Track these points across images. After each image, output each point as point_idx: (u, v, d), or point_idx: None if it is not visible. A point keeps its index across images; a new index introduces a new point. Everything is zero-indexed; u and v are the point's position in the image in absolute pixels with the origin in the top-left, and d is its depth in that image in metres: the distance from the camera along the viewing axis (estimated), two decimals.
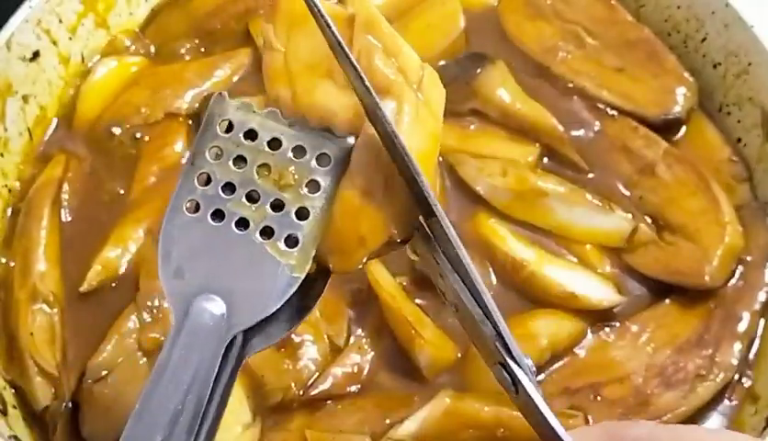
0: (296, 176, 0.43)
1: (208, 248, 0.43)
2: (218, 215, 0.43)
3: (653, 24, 0.78)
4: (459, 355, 0.63)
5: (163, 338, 0.62)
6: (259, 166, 0.44)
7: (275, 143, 0.44)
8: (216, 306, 0.42)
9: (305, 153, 0.44)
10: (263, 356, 0.62)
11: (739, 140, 0.73)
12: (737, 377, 0.64)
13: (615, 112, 0.73)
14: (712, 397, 0.63)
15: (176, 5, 0.82)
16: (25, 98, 0.74)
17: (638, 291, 0.67)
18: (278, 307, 0.42)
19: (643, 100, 0.73)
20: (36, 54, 0.74)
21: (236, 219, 0.43)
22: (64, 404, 0.61)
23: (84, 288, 0.66)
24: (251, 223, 0.43)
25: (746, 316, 0.65)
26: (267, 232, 0.43)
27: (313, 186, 0.43)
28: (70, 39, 0.77)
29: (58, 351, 0.64)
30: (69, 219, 0.71)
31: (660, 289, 0.67)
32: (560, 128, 0.71)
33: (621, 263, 0.68)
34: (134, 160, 0.73)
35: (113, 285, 0.67)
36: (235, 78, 0.77)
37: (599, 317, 0.65)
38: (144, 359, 0.62)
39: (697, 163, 0.70)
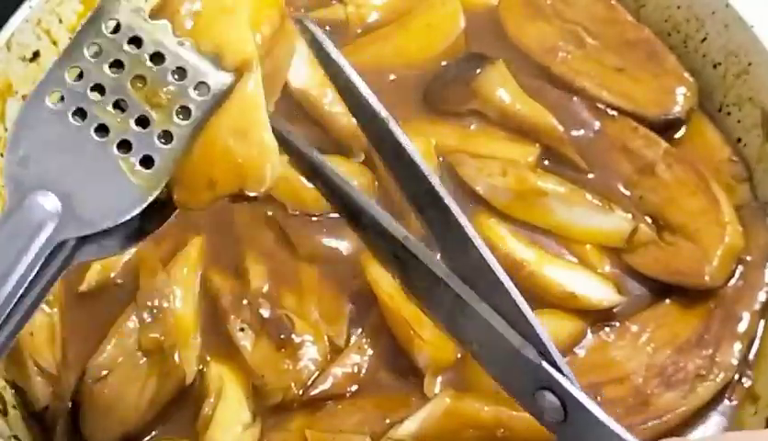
0: (169, 97, 0.41)
1: (61, 146, 0.41)
2: (79, 115, 0.41)
3: (653, 24, 0.78)
4: (459, 355, 0.63)
5: (163, 338, 0.62)
6: (135, 77, 0.41)
7: (157, 58, 0.42)
8: (52, 205, 0.40)
9: (185, 77, 0.42)
10: (263, 356, 0.62)
11: (739, 140, 0.73)
12: (737, 377, 0.64)
13: (615, 112, 0.73)
14: (712, 397, 0.62)
15: None
16: (25, 98, 0.74)
17: (638, 291, 0.67)
18: (111, 225, 0.41)
19: (643, 100, 0.73)
20: (36, 54, 0.74)
21: (97, 123, 0.41)
22: (64, 404, 0.61)
23: (83, 287, 0.66)
24: (111, 132, 0.41)
25: (746, 316, 0.65)
26: (125, 146, 0.41)
27: (184, 112, 0.42)
28: (70, 39, 0.77)
29: (58, 351, 0.64)
30: None
31: (660, 289, 0.67)
32: (560, 128, 0.71)
33: (621, 263, 0.68)
34: None
35: (113, 285, 0.67)
36: None
37: (599, 317, 0.65)
38: (144, 359, 0.62)
39: (697, 164, 0.70)
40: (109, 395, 0.60)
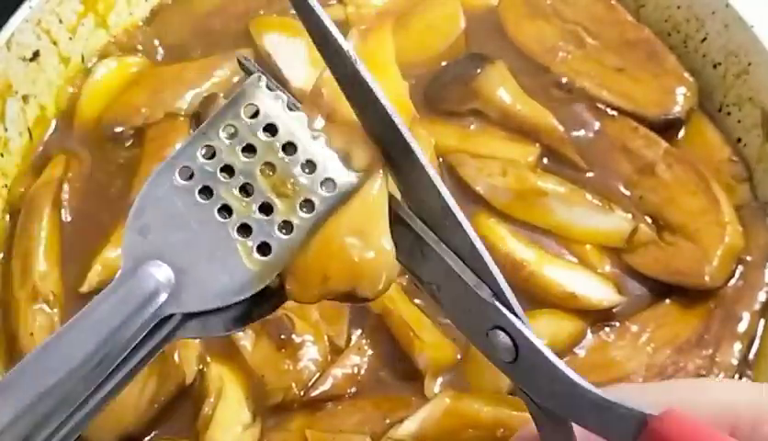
0: (296, 189, 0.41)
1: (183, 220, 0.41)
2: (206, 193, 0.41)
3: (653, 24, 0.78)
4: (459, 356, 0.63)
5: None
6: (265, 164, 0.41)
7: (290, 148, 0.42)
8: (165, 276, 0.40)
9: (314, 171, 0.42)
10: (263, 357, 0.62)
11: (739, 140, 0.73)
12: (737, 377, 0.64)
13: (615, 112, 0.73)
14: None
15: (177, 4, 0.82)
16: (25, 98, 0.74)
17: (638, 291, 0.67)
18: (219, 306, 0.41)
19: (643, 100, 0.73)
20: (36, 54, 0.74)
21: (221, 204, 0.41)
22: None
23: (84, 288, 0.66)
24: (234, 215, 0.41)
25: (746, 316, 0.65)
26: (244, 230, 0.41)
27: (308, 206, 0.41)
28: (70, 39, 0.77)
29: None
30: (69, 219, 0.71)
31: (660, 289, 0.67)
32: (560, 128, 0.71)
33: (621, 263, 0.68)
34: (135, 160, 0.73)
35: None
36: (236, 78, 0.77)
37: (599, 317, 0.65)
38: None
39: (697, 164, 0.70)
40: None
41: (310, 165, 0.42)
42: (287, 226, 0.41)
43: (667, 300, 0.66)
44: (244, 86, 0.43)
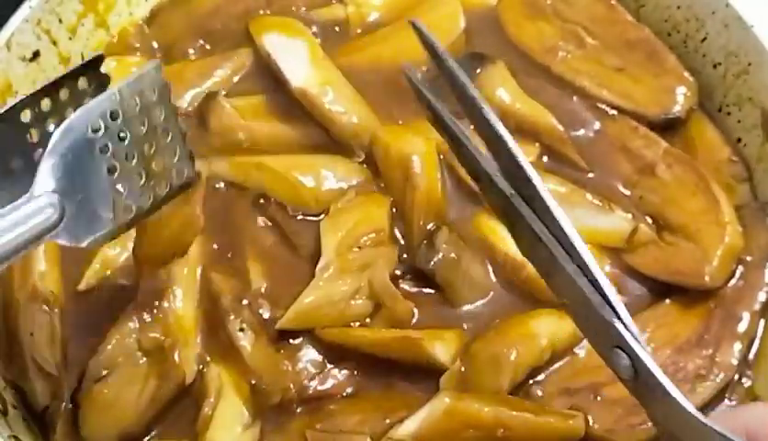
0: (161, 171, 0.54)
1: (82, 165, 0.51)
2: (102, 151, 0.52)
3: (653, 24, 0.78)
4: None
5: (163, 338, 0.62)
6: (145, 141, 0.53)
7: (164, 133, 0.55)
8: (56, 211, 0.50)
9: (174, 156, 0.56)
10: (262, 357, 0.62)
11: (739, 140, 0.73)
12: (737, 377, 0.64)
13: (615, 112, 0.74)
14: (712, 397, 0.63)
15: (176, 4, 0.82)
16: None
17: (638, 291, 0.67)
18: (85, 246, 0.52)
19: (643, 100, 0.73)
20: (36, 54, 0.74)
21: (111, 163, 0.52)
22: (64, 404, 0.61)
23: (81, 286, 0.66)
24: (116, 175, 0.52)
25: (746, 316, 0.65)
26: (120, 194, 0.52)
27: (164, 185, 0.55)
28: (70, 39, 0.77)
29: (58, 351, 0.64)
30: None
31: (660, 289, 0.67)
32: (560, 127, 0.72)
33: (621, 263, 0.68)
34: None
35: (112, 284, 0.67)
36: (236, 78, 0.77)
37: None
38: (144, 359, 0.62)
39: (697, 164, 0.70)
40: (109, 395, 0.60)
41: (169, 151, 0.55)
42: (144, 195, 0.53)
43: (667, 300, 0.66)
44: (148, 69, 0.54)
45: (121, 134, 0.52)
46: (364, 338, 0.63)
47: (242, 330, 0.63)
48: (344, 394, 0.63)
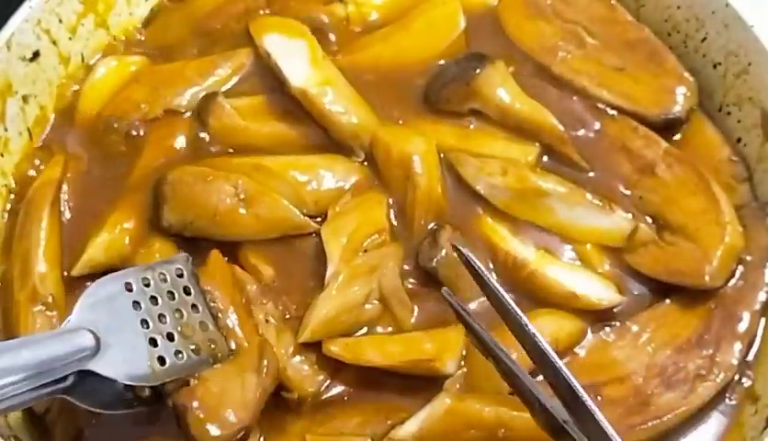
0: (192, 334, 0.60)
1: (117, 315, 0.58)
2: (137, 306, 0.59)
3: (653, 24, 0.78)
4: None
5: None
6: (177, 309, 0.61)
7: (194, 308, 0.62)
8: (94, 345, 0.55)
9: (207, 330, 0.61)
10: (284, 352, 0.62)
11: (739, 140, 0.73)
12: (737, 377, 0.64)
13: (615, 112, 0.74)
14: (712, 397, 0.63)
15: (176, 5, 0.82)
16: (25, 98, 0.74)
17: (638, 291, 0.67)
18: (120, 381, 0.56)
19: (643, 100, 0.73)
20: (36, 54, 0.74)
21: (144, 317, 0.59)
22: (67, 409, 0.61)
23: (75, 272, 0.66)
24: (150, 329, 0.59)
25: (746, 316, 0.65)
26: (154, 343, 0.58)
27: (196, 350, 0.60)
28: (70, 39, 0.77)
29: None
30: (69, 216, 0.71)
31: (660, 289, 0.67)
32: (560, 127, 0.71)
33: (621, 263, 0.68)
34: (132, 155, 0.73)
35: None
36: (235, 78, 0.77)
37: (599, 317, 0.65)
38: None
39: (697, 164, 0.70)
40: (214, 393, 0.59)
41: (203, 326, 0.61)
42: (180, 354, 0.59)
43: (667, 300, 0.66)
44: (178, 258, 0.64)
45: (153, 299, 0.60)
46: (375, 359, 0.62)
47: (267, 321, 0.63)
48: (345, 397, 0.63)
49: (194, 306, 0.62)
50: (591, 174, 0.71)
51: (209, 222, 0.67)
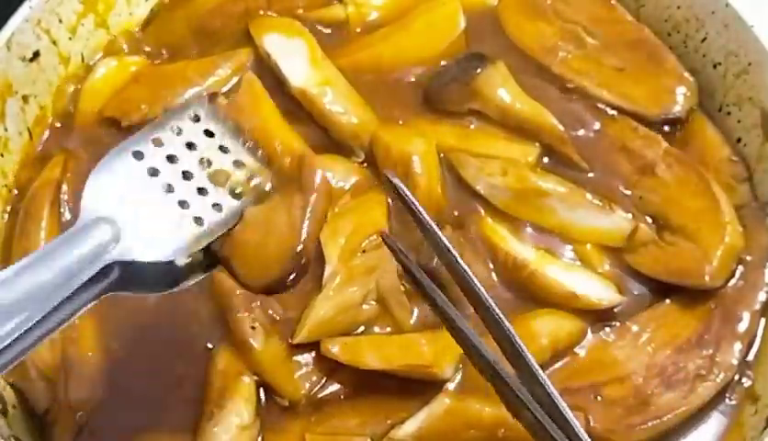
0: (227, 180, 0.52)
1: (132, 191, 0.49)
2: (153, 172, 0.50)
3: (653, 24, 0.78)
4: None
5: None
6: (204, 159, 0.51)
7: (224, 150, 0.52)
8: (114, 231, 0.47)
9: (242, 168, 0.52)
10: (273, 357, 0.62)
11: (739, 140, 0.73)
12: (737, 377, 0.64)
13: (615, 112, 0.74)
14: (712, 397, 0.63)
15: (176, 4, 0.82)
16: (25, 98, 0.74)
17: (638, 291, 0.67)
18: (153, 262, 0.48)
19: (643, 100, 0.73)
20: (36, 54, 0.74)
21: (166, 181, 0.50)
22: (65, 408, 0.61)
23: None
24: (176, 192, 0.50)
25: (746, 316, 0.65)
26: (184, 205, 0.50)
27: (236, 195, 0.52)
28: (70, 39, 0.77)
29: (58, 353, 0.64)
30: (68, 216, 0.71)
31: (660, 289, 0.67)
32: (560, 127, 0.71)
33: (621, 263, 0.68)
34: None
35: None
36: (235, 78, 0.77)
37: (599, 317, 0.65)
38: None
39: (697, 164, 0.70)
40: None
41: (238, 164, 0.52)
42: (217, 207, 0.50)
43: (667, 300, 0.66)
44: (190, 103, 0.53)
45: (171, 158, 0.51)
46: (372, 363, 0.61)
47: (253, 327, 0.63)
48: (344, 396, 0.63)
49: (221, 148, 0.53)
50: (591, 174, 0.71)
51: None
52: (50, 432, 0.63)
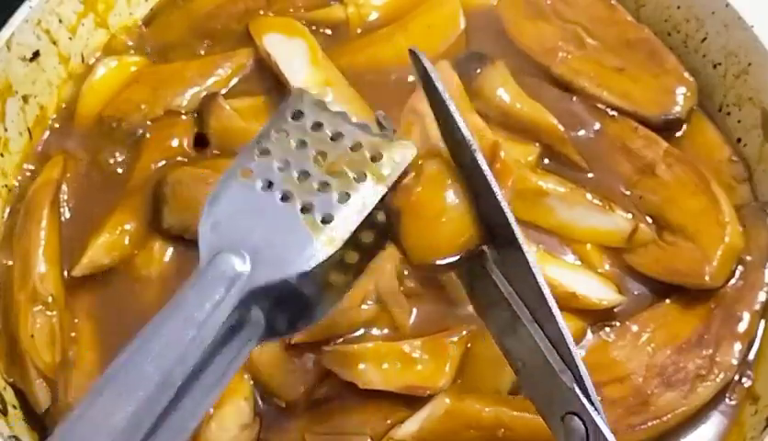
0: (347, 166, 0.47)
1: (251, 211, 0.46)
2: (267, 185, 0.47)
3: (653, 24, 0.78)
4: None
5: None
6: (317, 153, 0.47)
7: (337, 136, 0.48)
8: (240, 262, 0.44)
9: (361, 149, 0.47)
10: (271, 356, 0.62)
11: (739, 140, 0.73)
12: (737, 377, 0.64)
13: (615, 112, 0.73)
14: (712, 397, 0.63)
15: (176, 5, 0.82)
16: (25, 98, 0.74)
17: (638, 291, 0.67)
18: (296, 272, 0.44)
19: (643, 100, 0.73)
20: (36, 54, 0.74)
21: (282, 190, 0.46)
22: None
23: (76, 272, 0.66)
24: (295, 196, 0.46)
25: (746, 316, 0.65)
26: (307, 209, 0.46)
27: (362, 177, 0.47)
28: (70, 39, 0.77)
29: (58, 353, 0.64)
30: (68, 216, 0.71)
31: (660, 289, 0.67)
32: (560, 127, 0.71)
33: (621, 263, 0.68)
34: (135, 152, 0.73)
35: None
36: (236, 78, 0.77)
37: (599, 317, 0.65)
38: None
39: (697, 164, 0.70)
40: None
41: (357, 146, 0.48)
42: (344, 197, 0.46)
43: (667, 300, 0.66)
44: (289, 98, 0.49)
45: (283, 164, 0.47)
46: (370, 383, 0.61)
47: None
48: (344, 396, 0.63)
49: (333, 136, 0.48)
50: (591, 174, 0.71)
51: None
52: (51, 432, 0.63)
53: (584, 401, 0.44)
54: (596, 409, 0.44)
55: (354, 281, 0.50)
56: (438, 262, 0.49)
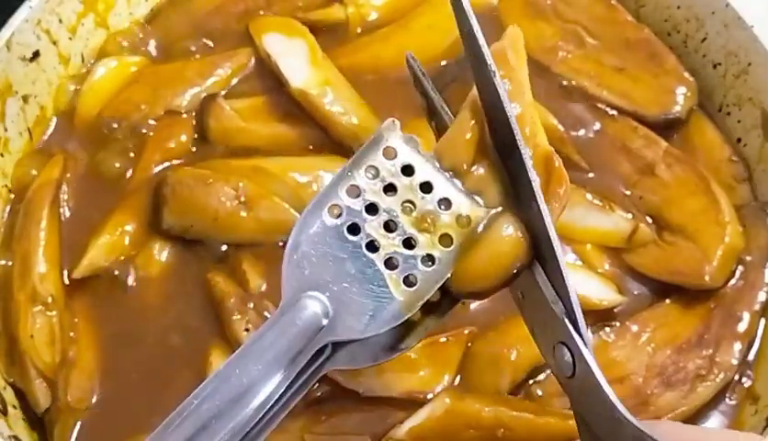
0: (436, 224, 0.45)
1: (335, 255, 0.45)
2: (353, 230, 0.45)
3: (653, 24, 0.78)
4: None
5: None
6: (405, 201, 0.45)
7: (426, 186, 0.46)
8: (322, 308, 0.44)
9: (450, 207, 0.45)
10: None
11: (739, 140, 0.73)
12: (737, 377, 0.64)
13: (615, 112, 0.73)
14: (712, 397, 0.63)
15: (176, 4, 0.82)
16: (25, 98, 0.74)
17: (638, 291, 0.67)
18: (373, 334, 0.44)
19: (643, 100, 0.73)
20: (36, 54, 0.74)
21: (369, 240, 0.45)
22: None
23: (76, 274, 0.66)
24: (380, 250, 0.45)
25: (746, 316, 0.65)
26: (391, 264, 0.45)
27: (446, 240, 0.45)
28: (70, 39, 0.77)
29: (58, 353, 0.64)
30: (68, 216, 0.71)
31: (660, 289, 0.67)
32: (560, 127, 0.71)
33: (621, 263, 0.68)
34: (135, 153, 0.73)
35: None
36: (235, 79, 0.77)
37: (599, 317, 0.65)
38: None
39: (697, 164, 0.70)
40: None
41: (445, 202, 0.45)
42: (429, 259, 0.45)
43: (667, 300, 0.66)
44: (381, 129, 0.47)
45: (371, 208, 0.45)
46: (371, 392, 0.61)
47: (246, 330, 0.63)
48: (343, 396, 0.63)
49: (427, 184, 0.46)
50: (591, 174, 0.71)
51: (210, 225, 0.67)
52: (50, 432, 0.63)
53: (572, 330, 0.44)
54: (584, 340, 0.43)
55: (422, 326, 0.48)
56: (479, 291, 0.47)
